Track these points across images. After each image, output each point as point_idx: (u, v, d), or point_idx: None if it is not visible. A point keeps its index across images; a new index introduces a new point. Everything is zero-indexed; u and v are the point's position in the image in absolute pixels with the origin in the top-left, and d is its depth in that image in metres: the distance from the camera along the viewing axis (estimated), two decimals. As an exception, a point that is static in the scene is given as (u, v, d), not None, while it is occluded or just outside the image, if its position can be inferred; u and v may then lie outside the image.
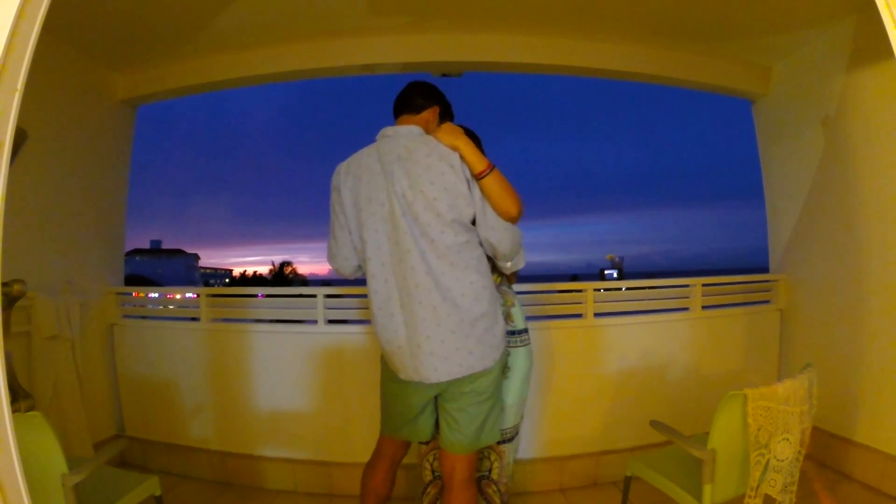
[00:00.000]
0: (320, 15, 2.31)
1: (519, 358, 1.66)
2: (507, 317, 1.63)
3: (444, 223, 1.30)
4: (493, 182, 1.31)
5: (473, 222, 1.34)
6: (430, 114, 1.46)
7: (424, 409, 1.44)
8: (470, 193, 1.31)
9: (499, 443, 1.67)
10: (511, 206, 1.33)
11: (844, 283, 2.41)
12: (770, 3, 2.18)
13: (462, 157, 1.32)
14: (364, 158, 1.40)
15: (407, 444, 1.57)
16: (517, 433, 1.74)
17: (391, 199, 1.32)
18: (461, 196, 1.30)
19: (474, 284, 1.32)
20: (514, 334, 1.67)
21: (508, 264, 1.50)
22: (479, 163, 1.31)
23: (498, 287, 1.63)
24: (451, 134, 1.35)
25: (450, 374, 1.31)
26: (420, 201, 1.29)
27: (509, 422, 1.67)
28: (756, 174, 3.16)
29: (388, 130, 1.42)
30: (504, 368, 1.51)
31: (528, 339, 1.70)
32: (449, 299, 1.29)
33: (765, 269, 2.97)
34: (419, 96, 1.47)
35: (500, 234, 1.35)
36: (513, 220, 1.37)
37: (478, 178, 1.32)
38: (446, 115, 1.53)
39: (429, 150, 1.33)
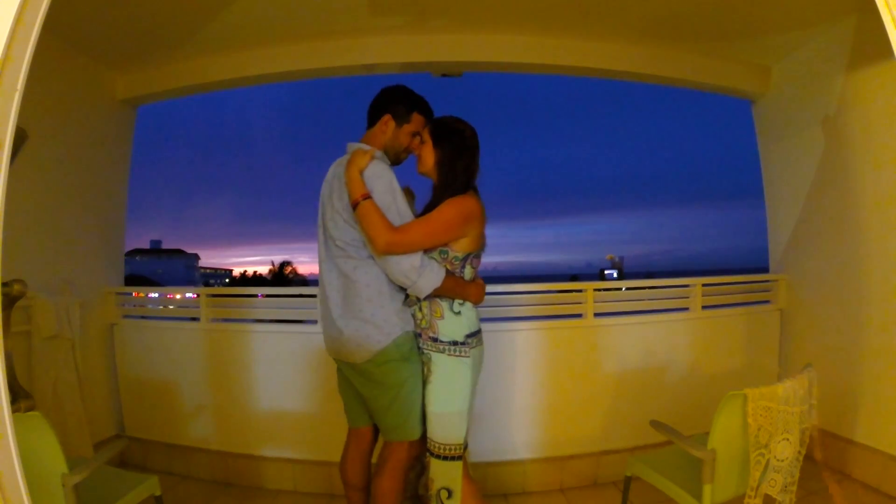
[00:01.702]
0: (320, 15, 2.31)
1: (443, 365, 1.49)
2: (430, 327, 1.51)
3: (332, 237, 1.50)
4: (360, 214, 1.41)
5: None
6: (381, 125, 1.55)
7: (349, 394, 1.65)
8: (354, 218, 1.45)
9: (434, 455, 1.49)
10: (373, 241, 1.39)
11: (844, 283, 2.41)
12: (770, 3, 2.18)
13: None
14: (328, 174, 1.60)
15: (369, 434, 1.69)
16: (457, 458, 1.49)
17: (322, 210, 1.56)
18: (344, 219, 1.47)
19: (348, 291, 1.49)
20: (444, 343, 1.51)
21: (407, 290, 1.46)
22: (353, 193, 1.42)
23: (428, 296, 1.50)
24: (351, 160, 1.45)
25: (332, 351, 1.56)
26: (327, 216, 1.52)
27: (437, 434, 1.48)
28: (756, 174, 3.16)
29: (348, 147, 1.58)
30: (422, 370, 1.52)
31: (465, 352, 1.49)
32: (332, 298, 1.51)
33: (765, 269, 2.97)
34: (372, 109, 1.57)
35: (382, 262, 1.45)
36: (379, 253, 1.42)
37: (353, 207, 1.42)
38: (411, 114, 1.55)
39: (342, 172, 1.49)
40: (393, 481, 1.52)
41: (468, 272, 1.54)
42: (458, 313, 1.51)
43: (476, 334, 1.55)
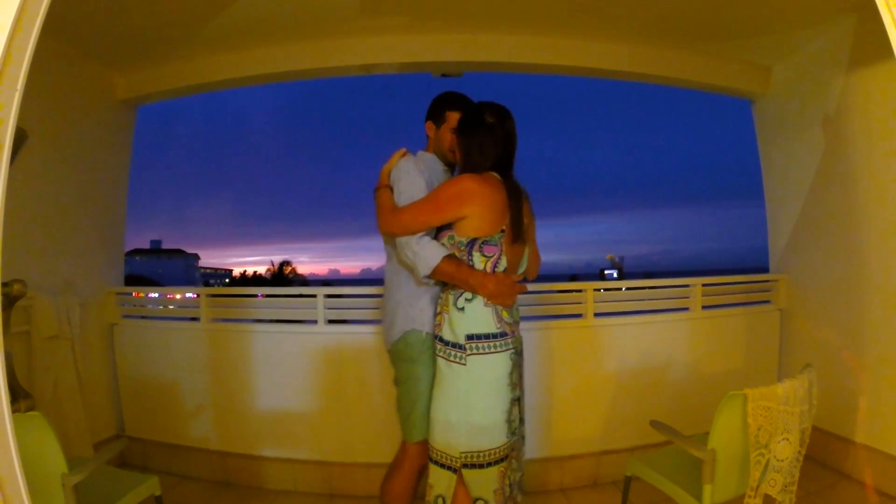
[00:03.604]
0: (319, 15, 2.31)
1: (440, 369, 1.44)
2: (440, 322, 1.46)
3: None
4: (376, 200, 1.53)
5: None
6: (428, 132, 1.64)
7: None
8: None
9: (432, 460, 1.44)
10: (379, 224, 1.51)
11: (844, 283, 2.41)
12: (770, 3, 2.18)
13: None
14: None
15: None
16: (451, 468, 1.38)
17: None
18: None
19: (385, 277, 1.61)
20: (445, 345, 1.43)
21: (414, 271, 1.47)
22: (379, 181, 1.54)
23: (445, 288, 1.47)
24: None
25: None
26: None
27: (435, 439, 1.42)
28: (756, 174, 3.16)
29: None
30: (427, 369, 1.49)
31: (461, 359, 1.39)
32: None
33: (765, 269, 2.97)
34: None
35: (396, 246, 1.50)
36: (383, 234, 1.54)
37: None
38: (445, 113, 1.58)
39: None
40: (400, 485, 1.53)
41: (478, 260, 1.41)
42: (462, 309, 1.40)
43: (485, 338, 1.39)
